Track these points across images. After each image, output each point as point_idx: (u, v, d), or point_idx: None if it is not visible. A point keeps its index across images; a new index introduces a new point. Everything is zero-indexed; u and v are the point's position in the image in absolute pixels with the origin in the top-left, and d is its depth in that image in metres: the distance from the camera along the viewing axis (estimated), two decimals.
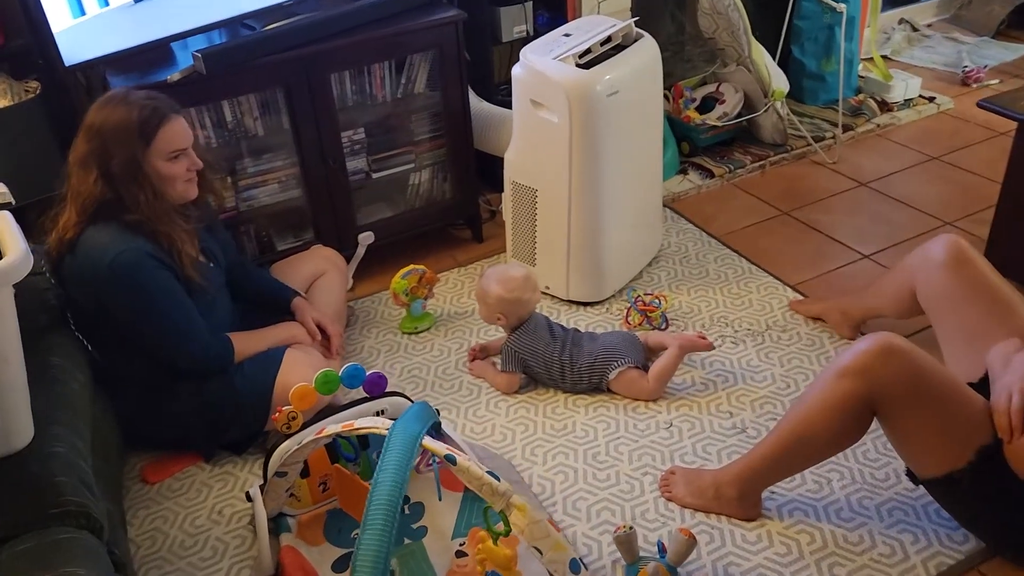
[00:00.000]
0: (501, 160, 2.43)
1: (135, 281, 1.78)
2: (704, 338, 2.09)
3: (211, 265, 1.99)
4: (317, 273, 2.32)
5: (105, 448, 1.79)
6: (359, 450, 1.77)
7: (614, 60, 2.23)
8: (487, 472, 1.35)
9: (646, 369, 2.09)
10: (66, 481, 1.42)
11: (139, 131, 1.76)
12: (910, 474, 1.61)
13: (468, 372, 2.22)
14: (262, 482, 1.77)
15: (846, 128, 3.20)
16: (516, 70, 2.24)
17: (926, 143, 3.18)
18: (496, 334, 2.30)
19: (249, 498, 1.79)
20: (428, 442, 1.39)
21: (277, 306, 2.17)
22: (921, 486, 1.59)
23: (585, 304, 2.43)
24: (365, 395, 1.80)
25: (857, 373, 1.47)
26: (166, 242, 1.81)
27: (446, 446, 1.39)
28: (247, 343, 1.98)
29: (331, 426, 1.52)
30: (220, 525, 1.85)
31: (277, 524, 1.77)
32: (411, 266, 2.34)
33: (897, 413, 1.48)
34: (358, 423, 1.48)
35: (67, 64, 2.03)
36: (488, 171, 2.86)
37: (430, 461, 1.82)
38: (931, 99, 3.43)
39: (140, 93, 1.82)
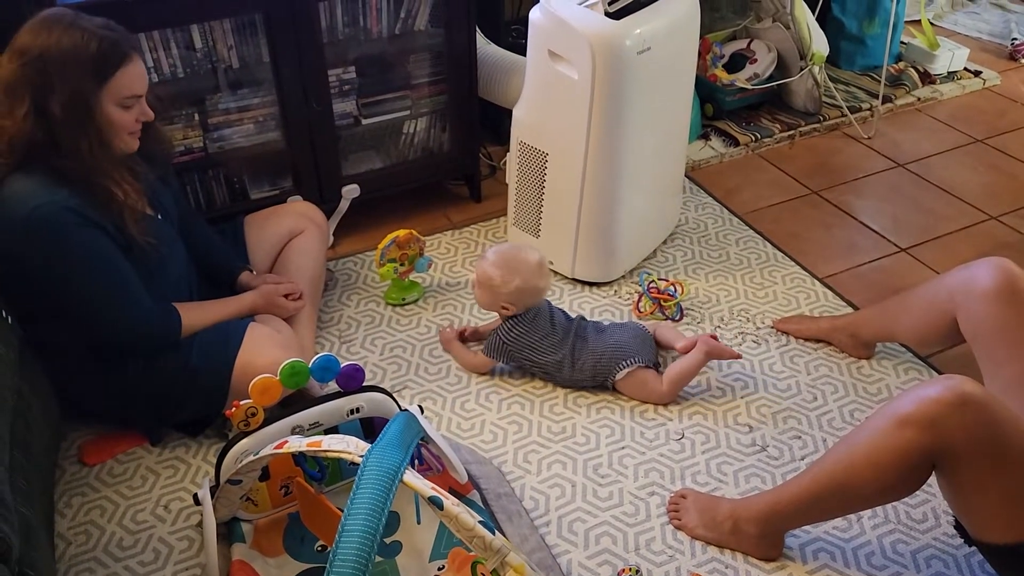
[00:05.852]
0: (507, 111, 2.14)
1: (55, 239, 1.50)
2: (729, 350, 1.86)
3: (158, 218, 1.70)
4: (294, 231, 2.04)
5: (30, 430, 1.53)
6: (325, 469, 1.53)
7: (648, 11, 1.93)
8: (480, 523, 1.12)
9: (656, 367, 1.86)
10: None
11: (94, 67, 1.47)
12: (961, 530, 1.39)
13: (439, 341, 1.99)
14: (214, 482, 1.53)
15: (885, 99, 2.92)
16: (534, 14, 1.94)
17: (970, 123, 2.90)
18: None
19: (197, 501, 1.55)
20: (410, 479, 1.15)
21: (219, 276, 1.89)
22: (974, 547, 1.38)
23: (592, 284, 2.18)
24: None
25: (923, 425, 1.23)
26: (103, 196, 1.53)
27: (432, 485, 1.15)
28: (199, 314, 1.72)
29: (294, 441, 1.28)
30: (165, 523, 1.62)
31: (230, 529, 1.54)
32: (380, 246, 2.04)
33: (963, 471, 1.26)
34: (326, 442, 1.23)
35: None
36: (491, 121, 2.57)
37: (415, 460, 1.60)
38: (976, 73, 3.14)
39: (94, 20, 1.50)
